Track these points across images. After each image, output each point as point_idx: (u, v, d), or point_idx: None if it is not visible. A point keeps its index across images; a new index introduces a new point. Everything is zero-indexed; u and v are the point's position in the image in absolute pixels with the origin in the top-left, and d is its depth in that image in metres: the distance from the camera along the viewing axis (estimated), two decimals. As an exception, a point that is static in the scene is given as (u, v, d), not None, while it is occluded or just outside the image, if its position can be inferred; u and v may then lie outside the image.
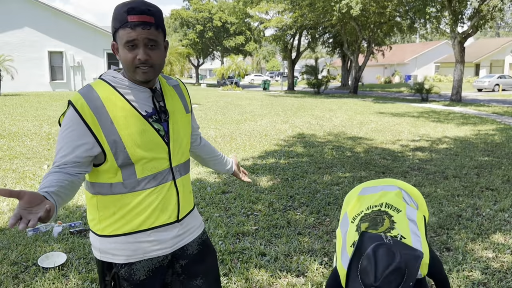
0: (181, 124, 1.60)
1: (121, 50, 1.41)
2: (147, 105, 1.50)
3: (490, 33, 67.43)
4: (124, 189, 1.48)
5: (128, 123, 1.43)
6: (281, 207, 4.72)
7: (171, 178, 1.55)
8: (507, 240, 3.82)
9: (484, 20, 19.93)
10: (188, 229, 1.67)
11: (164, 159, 1.51)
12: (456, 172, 6.28)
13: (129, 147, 1.43)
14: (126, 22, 1.39)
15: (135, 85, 1.48)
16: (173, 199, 1.56)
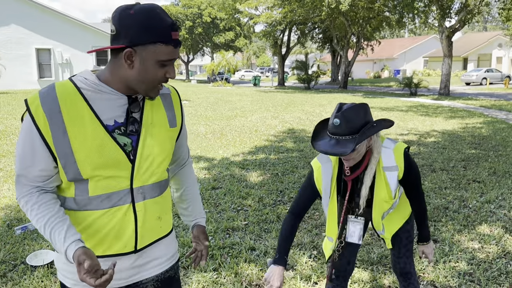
0: (158, 140, 1.37)
1: (149, 65, 1.24)
2: (118, 114, 1.29)
3: (477, 28, 68.08)
4: (75, 205, 1.30)
5: (85, 134, 1.24)
6: (271, 202, 4.75)
7: (130, 200, 1.33)
8: (492, 231, 3.89)
9: (471, 15, 20.13)
10: (149, 260, 1.45)
11: (123, 178, 1.30)
12: (443, 165, 6.36)
13: (80, 162, 1.24)
14: (170, 40, 1.24)
15: (110, 89, 1.28)
16: (130, 226, 1.34)
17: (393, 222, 2.12)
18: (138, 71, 1.25)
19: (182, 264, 3.28)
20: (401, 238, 2.15)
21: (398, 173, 1.89)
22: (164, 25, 1.22)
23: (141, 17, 1.21)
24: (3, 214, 4.40)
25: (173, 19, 1.27)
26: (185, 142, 1.60)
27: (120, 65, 1.26)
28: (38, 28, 24.77)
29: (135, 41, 1.22)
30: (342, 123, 1.72)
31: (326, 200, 2.02)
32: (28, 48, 24.80)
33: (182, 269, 3.21)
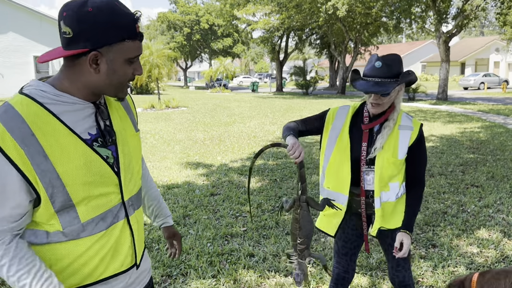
0: (132, 146, 1.31)
1: (118, 66, 1.13)
2: (90, 125, 1.18)
3: (474, 32, 68.45)
4: (64, 237, 1.15)
5: (67, 154, 1.10)
6: (269, 208, 4.74)
7: (124, 215, 1.26)
8: (491, 236, 3.89)
9: (468, 20, 20.25)
10: (139, 274, 1.39)
11: (114, 193, 1.22)
12: (442, 169, 6.37)
13: (69, 185, 1.11)
14: (136, 34, 1.14)
15: (74, 99, 1.15)
16: (126, 241, 1.27)
17: (389, 216, 2.06)
18: (106, 74, 1.13)
19: (181, 271, 3.27)
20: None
21: (412, 134, 1.95)
22: (129, 19, 1.11)
23: (102, 15, 1.07)
24: None
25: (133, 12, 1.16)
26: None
27: (82, 70, 1.12)
28: (37, 36, 24.84)
29: (100, 42, 1.08)
30: (383, 66, 1.84)
31: (331, 145, 2.05)
32: (26, 56, 24.85)
33: (181, 276, 3.20)
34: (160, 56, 16.53)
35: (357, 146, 2.01)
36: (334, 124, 2.07)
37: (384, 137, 1.95)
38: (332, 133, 2.06)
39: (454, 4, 21.68)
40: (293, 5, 26.40)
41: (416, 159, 1.99)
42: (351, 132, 2.02)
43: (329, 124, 2.08)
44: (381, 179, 1.98)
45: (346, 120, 2.05)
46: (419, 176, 2.03)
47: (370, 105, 1.93)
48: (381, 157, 1.96)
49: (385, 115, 1.97)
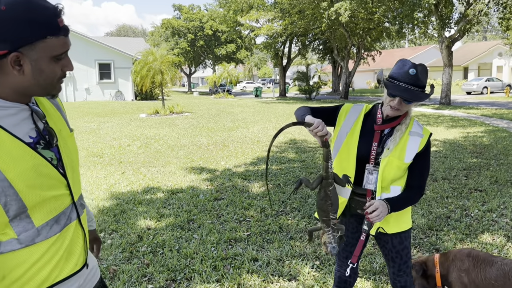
0: (71, 146, 1.29)
1: (43, 65, 1.07)
2: (29, 128, 1.14)
3: (477, 37, 68.40)
4: (19, 245, 1.10)
5: (14, 160, 1.06)
6: (273, 213, 4.76)
7: (76, 216, 1.25)
8: (494, 240, 3.89)
9: (470, 24, 20.26)
10: (89, 273, 1.36)
11: (65, 195, 1.20)
12: (445, 174, 6.38)
13: (22, 191, 1.07)
14: (59, 29, 1.07)
15: (8, 103, 1.10)
16: (79, 241, 1.26)
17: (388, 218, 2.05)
18: (32, 75, 1.07)
19: (185, 275, 3.30)
20: (401, 256, 2.14)
21: (421, 141, 1.99)
22: (49, 14, 1.04)
23: (18, 11, 0.99)
24: None
25: (54, 4, 1.08)
26: None
27: (7, 73, 1.06)
28: None
29: (18, 42, 1.01)
30: (417, 74, 1.87)
31: (341, 140, 2.08)
32: (32, 62, 25.02)
33: (185, 280, 3.23)
34: (164, 62, 16.62)
35: (365, 145, 2.03)
36: (347, 120, 2.09)
37: (396, 140, 1.98)
38: (343, 128, 2.09)
39: (457, 9, 21.70)
40: (296, 11, 26.54)
41: (421, 166, 2.02)
42: (362, 131, 2.05)
43: (342, 119, 2.10)
44: (383, 180, 2.00)
45: (359, 117, 2.08)
46: (421, 184, 2.05)
47: (389, 108, 1.94)
48: (387, 159, 1.99)
49: (398, 120, 2.00)
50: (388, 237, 2.13)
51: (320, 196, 1.81)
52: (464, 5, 20.45)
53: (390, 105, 1.94)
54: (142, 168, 6.99)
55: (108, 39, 36.43)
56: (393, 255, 2.15)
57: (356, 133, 2.06)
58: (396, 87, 1.88)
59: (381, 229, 2.07)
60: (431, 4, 19.30)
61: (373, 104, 2.14)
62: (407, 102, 1.90)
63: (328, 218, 1.82)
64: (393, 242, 2.13)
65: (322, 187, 1.81)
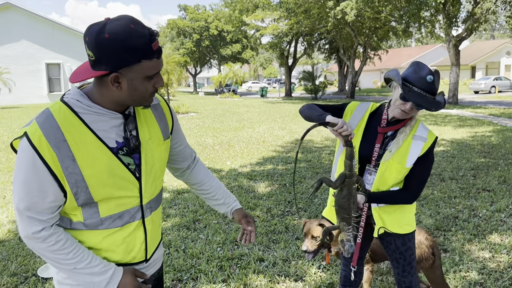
0: (157, 154, 1.41)
1: (138, 83, 1.23)
2: (118, 134, 1.30)
3: (485, 36, 67.88)
4: (84, 227, 1.31)
5: (93, 159, 1.24)
6: (279, 213, 4.75)
7: (140, 216, 1.39)
8: (503, 240, 3.85)
9: (478, 23, 20.09)
10: (151, 263, 1.52)
11: (133, 197, 1.35)
12: (453, 174, 6.32)
13: (92, 187, 1.25)
14: (152, 52, 1.20)
15: (105, 110, 1.27)
16: (139, 239, 1.40)
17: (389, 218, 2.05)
18: (128, 91, 1.24)
19: (191, 275, 3.29)
20: (404, 257, 2.13)
21: (424, 145, 1.95)
22: (144, 41, 1.17)
23: (119, 40, 1.14)
24: (14, 227, 4.45)
25: (148, 28, 1.20)
26: (183, 140, 1.63)
27: (108, 87, 1.23)
28: (48, 43, 25.24)
29: (118, 65, 1.18)
30: (434, 81, 1.86)
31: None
32: (39, 63, 25.24)
33: (191, 280, 3.22)
34: (170, 62, 16.65)
35: (368, 146, 2.01)
36: (352, 119, 2.07)
37: (399, 143, 1.95)
38: (350, 124, 2.07)
39: (464, 7, 21.53)
40: (302, 11, 26.46)
41: (420, 170, 1.97)
42: (366, 131, 2.03)
43: (347, 117, 2.08)
44: (381, 182, 1.99)
45: (364, 116, 2.06)
46: (415, 188, 2.00)
47: (398, 110, 1.91)
48: (387, 162, 1.96)
49: (403, 122, 1.97)
50: (392, 238, 2.11)
51: (342, 195, 1.80)
52: (472, 4, 20.28)
53: (400, 109, 1.90)
54: (148, 168, 7.00)
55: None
56: (397, 256, 2.14)
57: (360, 133, 2.04)
58: (411, 92, 1.84)
59: (382, 230, 2.06)
60: (438, 3, 19.17)
61: (380, 104, 2.12)
62: (419, 108, 1.87)
63: (350, 216, 1.80)
64: (396, 243, 2.12)
65: (345, 186, 1.79)
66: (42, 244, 1.24)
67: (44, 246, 1.25)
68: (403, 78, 1.89)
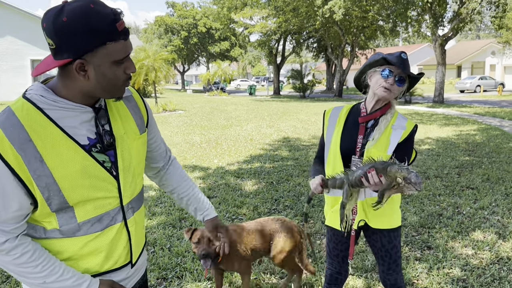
0: (134, 150, 1.30)
1: (106, 69, 1.12)
2: (89, 130, 1.19)
3: (471, 36, 68.80)
4: (60, 235, 1.18)
5: (64, 159, 1.12)
6: (265, 211, 4.74)
7: (121, 218, 1.27)
8: (486, 237, 3.91)
9: (464, 23, 20.36)
10: (136, 269, 1.42)
11: (112, 197, 1.23)
12: (437, 172, 6.39)
13: (66, 189, 1.13)
14: (118, 33, 1.09)
15: (73, 104, 1.15)
16: (122, 242, 1.30)
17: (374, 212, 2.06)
18: (96, 80, 1.12)
19: (176, 273, 3.27)
20: (390, 254, 2.14)
21: (403, 133, 2.00)
22: (107, 22, 1.06)
23: (78, 23, 1.04)
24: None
25: (111, 8, 1.09)
26: (159, 135, 1.52)
27: (74, 78, 1.12)
28: (33, 39, 24.82)
29: (81, 51, 1.07)
30: (407, 59, 1.97)
31: (329, 141, 2.12)
32: (23, 60, 24.82)
33: (176, 278, 3.20)
34: (157, 60, 16.52)
35: (350, 139, 2.05)
36: (330, 122, 2.15)
37: (381, 129, 1.99)
38: (329, 129, 2.14)
39: (450, 7, 21.79)
40: (290, 9, 26.49)
41: (400, 154, 2.00)
42: (345, 127, 2.08)
43: (326, 124, 2.17)
44: None
45: (340, 116, 2.13)
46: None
47: (381, 89, 1.96)
48: (370, 149, 2.00)
49: (382, 110, 2.02)
50: (378, 236, 2.12)
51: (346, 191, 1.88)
52: (458, 4, 20.54)
53: (383, 86, 1.95)
54: (134, 166, 6.93)
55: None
56: (383, 254, 2.15)
57: (339, 129, 2.09)
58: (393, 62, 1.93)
59: (362, 222, 2.07)
60: (425, 3, 19.35)
61: (355, 104, 2.18)
62: (399, 84, 1.94)
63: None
64: (382, 241, 2.12)
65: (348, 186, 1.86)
66: (6, 257, 1.12)
67: (9, 259, 1.12)
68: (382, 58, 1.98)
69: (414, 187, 1.60)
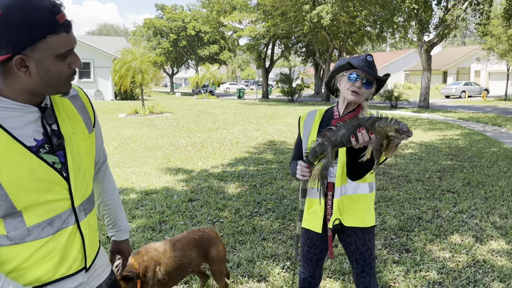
0: (83, 150, 1.26)
1: (48, 64, 1.07)
2: (36, 130, 1.13)
3: (456, 42, 69.89)
4: (9, 241, 1.11)
5: (10, 162, 1.06)
6: (247, 214, 4.73)
7: (74, 221, 1.21)
8: (463, 240, 3.95)
9: (449, 29, 20.67)
10: (93, 272, 1.35)
11: (63, 200, 1.18)
12: (419, 176, 6.46)
13: (13, 194, 1.07)
14: (58, 25, 1.04)
15: (17, 104, 1.10)
16: (75, 246, 1.23)
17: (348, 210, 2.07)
18: (39, 76, 1.07)
19: (153, 277, 3.24)
20: (364, 257, 2.14)
21: None
22: (46, 13, 1.01)
23: (14, 15, 0.99)
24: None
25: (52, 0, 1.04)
26: (101, 143, 1.47)
27: (15, 75, 1.07)
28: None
29: (20, 45, 1.01)
30: (373, 61, 1.99)
31: (305, 141, 2.13)
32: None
33: (152, 282, 3.17)
34: (144, 62, 16.43)
35: None
36: (305, 128, 2.17)
37: None
38: (305, 133, 2.16)
39: (436, 14, 22.14)
40: (279, 13, 26.63)
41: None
42: (320, 129, 2.09)
43: (302, 129, 2.20)
44: (343, 171, 2.04)
45: (314, 121, 2.15)
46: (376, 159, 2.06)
47: (349, 93, 1.98)
48: (343, 151, 2.01)
49: (354, 112, 2.04)
50: (352, 239, 2.13)
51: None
52: (443, 10, 20.85)
53: (351, 90, 1.97)
54: (116, 169, 6.87)
55: (88, 37, 35.90)
56: (357, 257, 2.15)
57: (314, 132, 2.10)
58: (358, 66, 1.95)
59: (337, 221, 2.07)
60: (411, 9, 19.61)
61: (327, 108, 2.21)
62: (367, 86, 1.96)
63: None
64: (356, 243, 2.13)
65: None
66: None
67: None
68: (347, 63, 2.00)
69: (406, 134, 1.63)
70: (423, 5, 19.68)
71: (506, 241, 3.91)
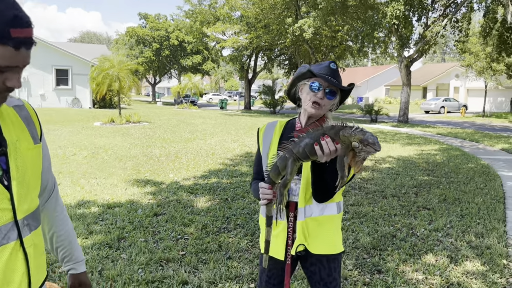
0: (29, 159, 1.17)
1: None
2: None
3: (436, 59, 71.47)
4: None
5: None
6: (214, 230, 4.47)
7: (16, 236, 1.08)
8: (438, 261, 3.77)
9: (429, 45, 20.98)
10: None
11: (4, 210, 1.06)
12: (395, 191, 6.31)
13: None
14: (8, 38, 0.95)
15: None
16: (19, 267, 1.09)
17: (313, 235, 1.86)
18: None
19: (102, 301, 2.95)
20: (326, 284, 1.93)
21: None
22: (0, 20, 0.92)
23: None
24: None
25: (19, 12, 0.95)
26: (48, 165, 1.33)
27: None
28: (-5, 44, 23.88)
29: None
30: (336, 69, 1.81)
31: (265, 161, 1.93)
32: (-17, 65, 23.79)
33: (100, 307, 2.87)
34: (122, 69, 16.09)
35: None
36: (264, 141, 1.98)
37: None
38: (265, 146, 1.97)
39: (416, 30, 22.49)
40: (262, 26, 26.69)
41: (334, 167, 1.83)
42: (280, 142, 1.90)
43: (261, 143, 2.00)
44: (307, 190, 1.82)
45: (275, 133, 1.97)
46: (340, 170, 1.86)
47: (310, 105, 1.80)
48: (307, 166, 1.79)
49: (318, 121, 1.86)
50: (316, 268, 1.91)
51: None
52: (423, 27, 21.17)
53: (312, 101, 1.79)
54: (81, 180, 6.51)
55: (68, 44, 35.37)
56: (317, 280, 1.93)
57: (274, 146, 1.91)
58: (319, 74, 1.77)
59: (301, 247, 1.84)
60: (391, 25, 19.83)
61: (288, 120, 2.02)
62: (330, 96, 1.78)
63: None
64: (321, 273, 1.91)
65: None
66: None
67: None
68: (308, 71, 1.81)
69: (373, 147, 1.44)
70: (404, 21, 19.93)
71: (481, 262, 3.75)
